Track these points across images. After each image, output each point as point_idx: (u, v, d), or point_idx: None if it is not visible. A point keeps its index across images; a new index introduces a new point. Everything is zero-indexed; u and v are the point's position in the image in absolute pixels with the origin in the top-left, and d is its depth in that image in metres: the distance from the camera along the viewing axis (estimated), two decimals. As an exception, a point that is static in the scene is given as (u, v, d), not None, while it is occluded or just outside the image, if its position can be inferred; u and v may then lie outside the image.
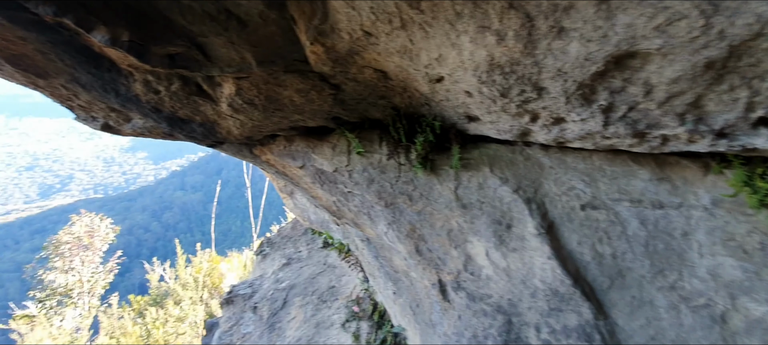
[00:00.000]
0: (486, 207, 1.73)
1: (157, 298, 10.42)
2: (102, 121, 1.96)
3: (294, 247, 5.53)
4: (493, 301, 1.71)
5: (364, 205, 2.00)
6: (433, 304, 1.97)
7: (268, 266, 5.20)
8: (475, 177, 1.77)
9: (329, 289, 3.84)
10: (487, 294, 1.73)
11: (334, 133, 2.02)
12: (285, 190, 5.64)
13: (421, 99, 1.73)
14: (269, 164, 2.27)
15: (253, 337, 3.77)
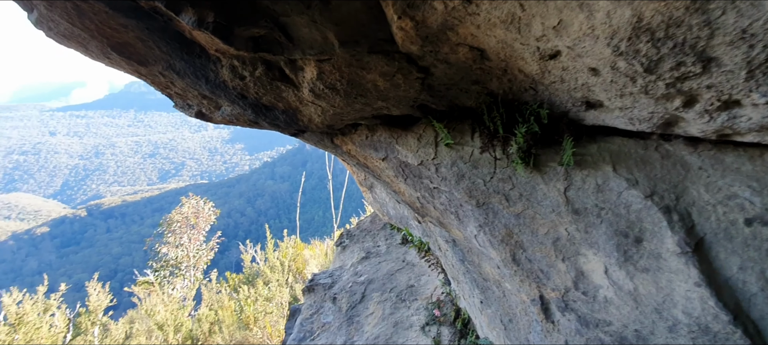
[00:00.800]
0: (606, 214, 1.40)
1: (249, 277, 11.29)
2: (196, 108, 2.03)
3: (373, 241, 5.51)
4: (613, 330, 1.38)
5: (452, 204, 1.79)
6: (532, 322, 1.69)
7: (347, 258, 5.25)
8: (591, 177, 1.44)
9: (408, 288, 3.70)
10: (604, 320, 1.41)
11: (420, 122, 1.84)
12: (365, 183, 5.63)
13: (524, 82, 1.45)
14: (350, 155, 2.17)
15: (333, 327, 3.79)
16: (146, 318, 8.76)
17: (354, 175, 5.84)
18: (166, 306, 9.01)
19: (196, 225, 15.62)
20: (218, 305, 9.41)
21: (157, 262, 14.45)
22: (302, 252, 11.94)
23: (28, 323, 7.12)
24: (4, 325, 6.96)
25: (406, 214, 4.78)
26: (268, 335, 8.45)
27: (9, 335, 6.97)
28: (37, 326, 7.28)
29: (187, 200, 16.31)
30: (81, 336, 7.80)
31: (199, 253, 15.04)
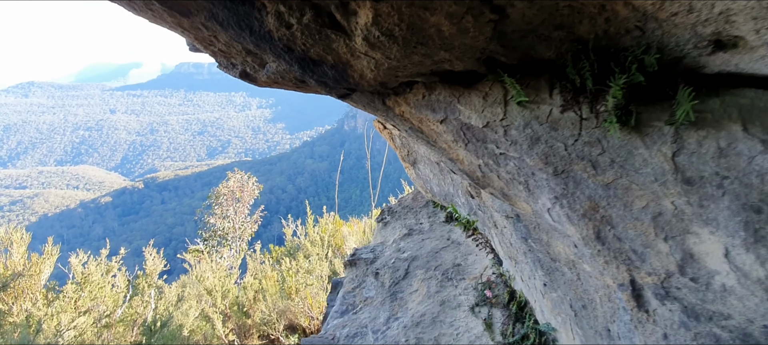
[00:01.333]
0: (731, 185, 1.12)
1: (290, 250, 11.60)
2: (240, 67, 1.92)
3: (415, 218, 5.35)
4: (734, 325, 1.12)
5: (521, 172, 1.56)
6: (616, 310, 1.45)
7: (389, 234, 5.14)
8: (711, 138, 1.16)
9: (454, 267, 3.52)
10: (721, 312, 1.15)
11: (485, 80, 1.60)
12: (408, 159, 5.44)
13: (629, 20, 1.18)
14: (403, 118, 1.98)
15: (375, 302, 3.71)
16: (197, 283, 9.22)
17: (397, 151, 5.66)
18: (215, 273, 9.42)
19: (241, 199, 16.23)
20: (262, 275, 9.72)
21: (206, 232, 15.23)
22: (341, 228, 12.07)
23: (92, 282, 7.64)
24: (72, 284, 7.52)
25: (451, 191, 4.56)
26: (308, 306, 8.64)
27: (76, 292, 7.50)
28: (100, 286, 7.81)
29: (233, 175, 16.93)
30: (138, 297, 8.33)
31: (244, 226, 15.67)
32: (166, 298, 8.26)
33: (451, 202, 4.69)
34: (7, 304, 6.70)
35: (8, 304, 6.76)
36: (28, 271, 7.15)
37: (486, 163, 1.73)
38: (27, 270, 7.14)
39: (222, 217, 15.27)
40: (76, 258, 7.85)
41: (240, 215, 15.75)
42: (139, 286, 8.68)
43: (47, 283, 7.53)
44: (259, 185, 17.97)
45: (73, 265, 7.77)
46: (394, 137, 5.42)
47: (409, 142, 5.15)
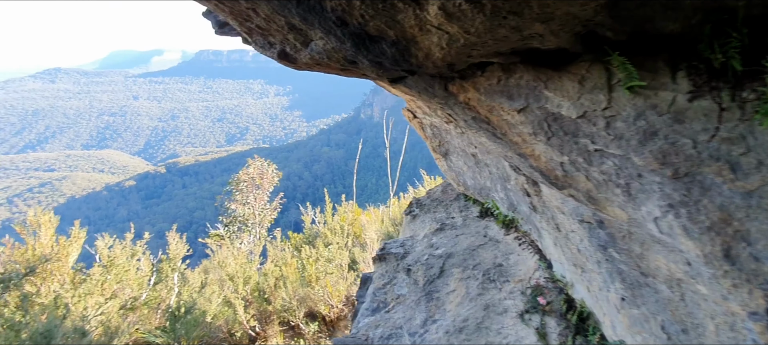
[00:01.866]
0: None
1: (309, 237, 11.56)
2: (279, 46, 1.69)
3: (446, 212, 5.10)
4: None
5: (622, 173, 1.30)
6: (743, 342, 1.19)
7: (418, 228, 4.91)
8: None
9: (496, 268, 3.27)
10: None
11: (581, 60, 1.33)
12: (439, 150, 5.17)
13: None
14: (468, 106, 1.72)
15: (409, 301, 3.50)
16: (218, 268, 9.25)
17: (427, 141, 5.39)
18: (236, 259, 9.42)
19: (261, 185, 16.24)
20: (282, 262, 9.71)
21: (226, 218, 15.32)
22: (359, 217, 11.98)
23: (118, 266, 7.70)
24: (98, 267, 7.59)
25: (488, 185, 4.29)
26: (328, 294, 8.58)
27: (102, 275, 7.57)
28: (126, 269, 7.87)
29: (253, 162, 16.94)
30: (162, 282, 8.39)
31: (264, 212, 15.70)
32: (190, 283, 8.29)
33: (487, 196, 4.42)
34: (36, 286, 6.79)
35: (37, 285, 6.84)
36: (56, 253, 7.22)
37: (573, 160, 1.46)
38: (55, 253, 7.21)
39: (242, 203, 15.32)
40: (102, 241, 7.92)
41: (260, 202, 15.78)
42: (163, 271, 8.74)
43: (74, 265, 7.61)
44: (279, 172, 17.97)
45: (99, 248, 7.84)
46: (425, 127, 5.15)
47: (441, 132, 4.88)
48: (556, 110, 1.39)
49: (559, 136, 1.45)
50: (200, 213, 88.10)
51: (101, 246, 7.85)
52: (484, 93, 1.58)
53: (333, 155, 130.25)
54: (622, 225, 1.51)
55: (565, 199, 1.83)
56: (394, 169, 18.56)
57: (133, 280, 8.08)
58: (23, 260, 6.84)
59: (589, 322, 2.25)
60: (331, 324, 8.75)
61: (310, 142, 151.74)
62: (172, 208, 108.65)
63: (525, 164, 1.80)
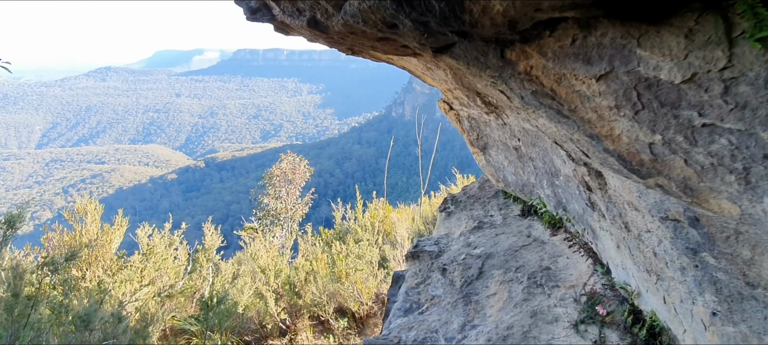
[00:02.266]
0: None
1: (339, 233, 11.52)
2: (309, 13, 1.50)
3: (483, 209, 4.79)
4: None
5: (741, 153, 1.00)
6: None
7: (453, 226, 4.63)
8: None
9: (543, 271, 2.95)
10: None
11: (686, 11, 1.04)
12: (476, 144, 4.86)
13: None
14: (529, 76, 1.45)
15: (444, 302, 3.25)
16: (251, 261, 9.36)
17: (464, 134, 5.09)
18: (268, 252, 9.49)
19: (293, 180, 16.41)
20: (313, 257, 9.71)
21: (260, 212, 15.60)
22: (390, 215, 11.83)
23: (156, 254, 7.91)
24: (138, 254, 7.83)
25: (532, 181, 3.95)
26: (358, 290, 8.46)
27: (142, 263, 7.80)
28: (164, 258, 8.07)
29: (286, 157, 17.14)
30: (197, 271, 8.55)
31: (296, 207, 15.85)
32: (223, 274, 8.41)
33: (530, 193, 4.07)
34: (81, 271, 7.06)
35: (83, 270, 7.12)
36: (100, 240, 7.49)
37: (668, 140, 1.17)
38: (99, 239, 7.48)
39: (275, 198, 15.53)
40: (142, 230, 8.16)
41: (292, 196, 15.94)
42: (198, 260, 8.93)
43: (117, 252, 7.88)
44: (311, 168, 18.11)
45: (140, 236, 8.08)
46: (462, 119, 4.85)
47: (479, 125, 4.57)
48: (652, 74, 1.10)
49: (651, 109, 1.15)
50: (236, 206, 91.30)
51: (141, 235, 8.10)
52: (552, 58, 1.30)
53: (364, 153, 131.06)
54: (727, 223, 1.20)
55: (644, 192, 1.52)
56: (426, 167, 18.23)
57: (170, 269, 8.29)
58: (71, 246, 7.15)
59: (662, 339, 1.91)
60: (361, 321, 8.63)
61: (342, 140, 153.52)
62: (210, 201, 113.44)
63: (596, 148, 1.50)
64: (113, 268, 7.51)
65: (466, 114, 4.61)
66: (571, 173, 2.65)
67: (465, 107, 4.45)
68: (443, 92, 4.66)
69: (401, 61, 4.05)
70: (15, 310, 4.16)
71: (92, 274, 7.20)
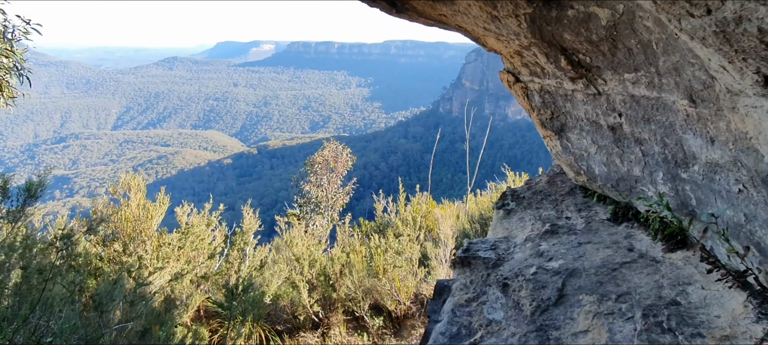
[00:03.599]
0: None
1: (380, 226, 10.96)
2: None
3: (555, 209, 3.76)
4: None
5: None
6: None
7: (515, 228, 3.67)
8: None
9: (668, 306, 1.95)
10: None
11: None
12: (550, 125, 3.83)
13: None
14: None
15: (507, 333, 2.35)
16: (286, 248, 9.01)
17: (533, 114, 4.06)
18: (304, 240, 9.09)
19: (335, 169, 15.99)
20: (350, 248, 9.19)
21: (301, 199, 15.38)
22: (433, 210, 11.06)
23: (194, 234, 7.72)
24: (177, 232, 7.69)
25: (635, 173, 2.89)
26: (395, 288, 7.79)
27: (180, 241, 7.61)
28: (201, 238, 7.86)
29: (328, 145, 16.77)
30: (235, 253, 8.38)
31: (336, 196, 15.45)
32: (250, 261, 8.05)
33: (630, 190, 3.01)
34: (124, 246, 6.99)
35: (127, 245, 7.05)
36: (142, 216, 7.40)
37: None
38: (141, 215, 7.40)
39: (316, 185, 15.20)
40: (181, 209, 7.98)
41: (333, 185, 15.54)
42: (236, 242, 8.69)
43: (159, 229, 7.78)
44: (353, 156, 17.60)
45: (178, 214, 7.92)
46: (531, 94, 3.84)
47: (556, 99, 3.55)
48: None
49: None
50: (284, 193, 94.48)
51: (180, 213, 7.91)
52: None
53: (409, 147, 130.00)
54: None
55: None
56: (473, 163, 17.13)
57: (207, 250, 8.07)
58: (114, 219, 7.07)
59: None
60: (397, 321, 7.92)
61: (388, 134, 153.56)
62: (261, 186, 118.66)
63: None
64: (153, 244, 7.36)
65: (537, 86, 3.61)
66: (728, 160, 1.65)
67: (537, 76, 3.46)
68: (507, 58, 3.69)
69: (456, 19, 3.14)
70: (23, 285, 3.86)
71: (134, 249, 7.08)
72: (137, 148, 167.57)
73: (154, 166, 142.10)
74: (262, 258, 8.11)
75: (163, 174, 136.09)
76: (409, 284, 7.76)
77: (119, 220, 7.17)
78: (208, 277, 7.91)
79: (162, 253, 7.23)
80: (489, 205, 10.30)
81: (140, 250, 7.22)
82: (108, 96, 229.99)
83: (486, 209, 10.34)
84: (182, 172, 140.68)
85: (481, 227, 9.98)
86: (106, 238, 7.18)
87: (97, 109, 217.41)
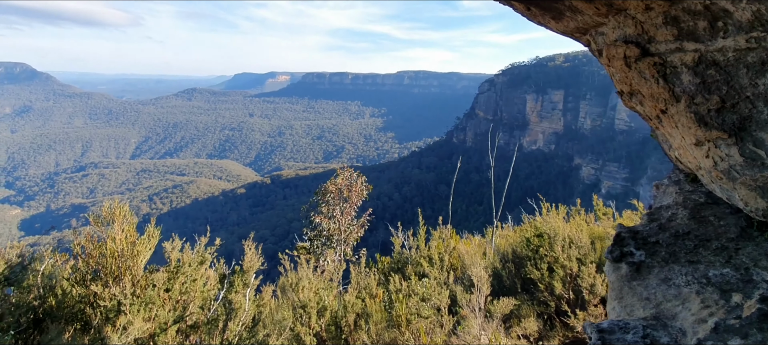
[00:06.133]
0: None
1: (398, 263, 9.58)
2: None
3: (730, 265, 2.21)
4: None
5: None
6: None
7: (665, 298, 2.12)
8: None
9: None
10: None
11: None
12: (718, 121, 2.29)
13: None
14: None
15: None
16: (291, 291, 7.60)
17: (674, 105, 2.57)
18: (312, 283, 7.64)
19: (349, 198, 14.60)
20: (366, 292, 7.71)
21: (311, 231, 13.97)
22: (458, 245, 9.58)
23: (185, 273, 6.36)
24: (165, 271, 6.32)
25: None
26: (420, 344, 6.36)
27: (169, 282, 6.22)
28: (193, 278, 6.48)
29: (341, 172, 15.46)
30: (232, 295, 6.96)
31: (350, 228, 13.96)
32: (244, 313, 6.57)
33: None
34: (102, 286, 5.65)
35: (107, 285, 5.72)
36: (129, 253, 6.08)
37: None
38: (127, 252, 6.09)
39: (328, 217, 13.75)
40: (170, 244, 6.60)
41: (346, 216, 14.06)
42: (235, 283, 7.25)
43: (147, 267, 6.38)
44: (368, 185, 16.17)
45: (167, 250, 6.54)
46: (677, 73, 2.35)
47: (735, 74, 2.08)
48: None
49: None
50: (297, 224, 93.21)
51: (168, 249, 6.52)
52: None
53: (423, 177, 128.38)
54: None
55: None
56: (488, 195, 15.55)
57: (199, 293, 6.61)
58: (95, 257, 5.78)
59: None
60: None
61: (402, 164, 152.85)
62: (274, 216, 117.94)
63: None
64: (140, 285, 5.97)
65: (691, 56, 2.15)
66: None
67: (694, 39, 2.02)
68: (631, 16, 2.26)
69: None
70: None
71: (119, 290, 5.73)
72: (154, 177, 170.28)
73: (169, 195, 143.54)
74: (254, 313, 6.62)
75: (177, 203, 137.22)
76: (438, 338, 6.38)
77: (101, 255, 5.81)
78: (199, 326, 6.43)
79: (146, 296, 5.80)
80: (519, 240, 8.77)
81: (118, 292, 5.79)
82: (128, 126, 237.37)
83: (517, 244, 8.84)
84: (196, 202, 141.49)
85: (516, 267, 8.41)
86: (86, 278, 5.82)
87: (117, 139, 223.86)
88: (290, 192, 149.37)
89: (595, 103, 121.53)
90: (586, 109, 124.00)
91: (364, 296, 7.45)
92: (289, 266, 8.26)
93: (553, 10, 2.73)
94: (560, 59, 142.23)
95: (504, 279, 8.23)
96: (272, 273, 8.49)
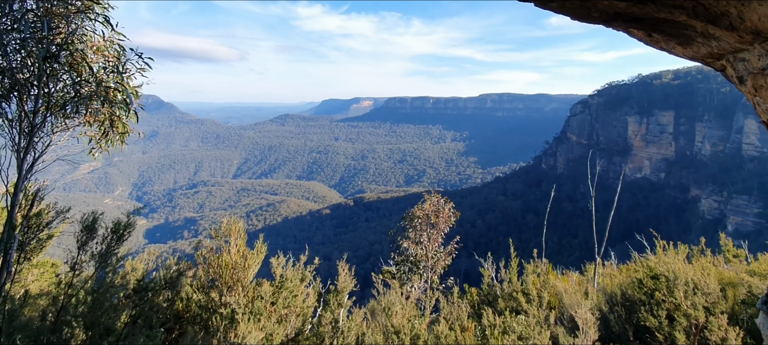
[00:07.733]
0: None
1: (487, 295, 9.11)
2: None
3: None
4: None
5: None
6: None
7: None
8: None
9: None
10: None
11: None
12: None
13: None
14: None
15: None
16: (383, 315, 7.68)
17: None
18: (403, 308, 7.65)
19: (436, 224, 14.45)
20: (458, 324, 7.47)
21: (398, 256, 14.06)
22: (555, 282, 8.77)
23: (288, 288, 6.93)
24: (270, 286, 6.97)
25: None
26: (518, 392, 5.80)
27: (274, 295, 6.86)
28: (294, 293, 7.02)
29: (429, 197, 15.41)
30: (328, 313, 7.34)
31: (437, 255, 13.75)
32: (350, 326, 6.87)
33: None
34: (220, 296, 6.48)
35: (223, 294, 6.54)
36: (241, 265, 6.88)
37: None
38: (240, 264, 6.90)
39: (415, 242, 13.74)
40: (276, 259, 7.27)
41: (434, 243, 13.89)
42: (330, 302, 7.65)
43: (254, 278, 7.14)
44: (456, 212, 15.83)
45: (273, 265, 7.23)
46: None
47: None
48: None
49: None
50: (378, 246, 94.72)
51: (275, 264, 7.19)
52: None
53: (509, 205, 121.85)
54: None
55: None
56: (586, 227, 13.99)
57: (299, 309, 7.13)
58: (215, 267, 6.68)
59: None
60: None
61: (485, 190, 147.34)
62: (356, 238, 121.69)
63: None
64: (248, 296, 6.67)
65: None
66: None
67: None
68: None
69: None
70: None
71: (232, 298, 6.51)
72: (251, 195, 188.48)
73: (263, 212, 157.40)
74: (357, 332, 6.79)
75: (270, 221, 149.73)
76: (537, 388, 5.79)
77: (219, 266, 6.65)
78: (299, 341, 6.87)
79: (255, 306, 6.42)
80: (629, 281, 7.74)
81: (233, 301, 6.52)
82: (232, 148, 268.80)
83: (627, 286, 7.80)
84: (286, 220, 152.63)
85: (626, 312, 7.41)
86: (206, 285, 6.71)
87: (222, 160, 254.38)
88: (372, 215, 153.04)
89: (714, 125, 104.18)
90: (704, 132, 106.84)
91: (456, 329, 7.23)
92: (382, 289, 8.39)
93: (680, 36, 2.49)
94: (668, 76, 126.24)
95: (612, 324, 7.39)
96: (356, 296, 8.70)
